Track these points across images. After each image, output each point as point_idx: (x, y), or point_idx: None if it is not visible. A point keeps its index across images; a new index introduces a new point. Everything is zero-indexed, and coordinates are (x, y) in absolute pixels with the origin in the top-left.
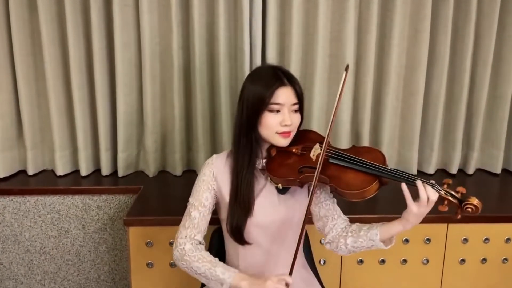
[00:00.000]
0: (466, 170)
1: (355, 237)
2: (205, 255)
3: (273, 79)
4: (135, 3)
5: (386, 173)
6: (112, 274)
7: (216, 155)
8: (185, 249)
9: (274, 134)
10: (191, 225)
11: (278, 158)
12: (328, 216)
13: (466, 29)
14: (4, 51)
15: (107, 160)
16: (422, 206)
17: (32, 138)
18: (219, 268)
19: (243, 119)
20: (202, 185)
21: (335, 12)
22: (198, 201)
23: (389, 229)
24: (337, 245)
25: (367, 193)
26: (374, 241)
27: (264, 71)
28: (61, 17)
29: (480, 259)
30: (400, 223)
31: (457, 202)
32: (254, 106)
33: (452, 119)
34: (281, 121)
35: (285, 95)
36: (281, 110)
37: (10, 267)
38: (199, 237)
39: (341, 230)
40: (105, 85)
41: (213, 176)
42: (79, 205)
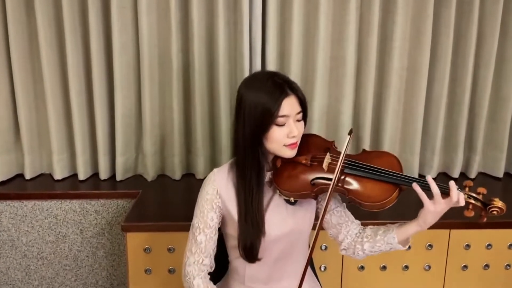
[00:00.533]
0: (468, 174)
1: (371, 242)
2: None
3: (276, 90)
4: (133, 6)
5: (405, 181)
6: (110, 279)
7: (217, 169)
8: (193, 282)
9: (282, 147)
10: (197, 250)
11: (285, 170)
12: (341, 223)
13: (469, 30)
14: (2, 54)
15: (105, 164)
16: (438, 203)
17: (30, 141)
18: None
19: (246, 133)
20: (206, 205)
21: (336, 14)
22: (204, 223)
23: (406, 231)
24: (353, 251)
25: (388, 203)
26: (392, 244)
27: (264, 79)
28: (59, 20)
29: (483, 265)
30: (417, 223)
31: (481, 205)
32: (259, 120)
33: (454, 122)
34: (288, 133)
35: (290, 106)
36: (287, 121)
37: (7, 273)
38: (208, 261)
39: (355, 236)
40: (103, 88)
41: (216, 193)
42: (77, 209)
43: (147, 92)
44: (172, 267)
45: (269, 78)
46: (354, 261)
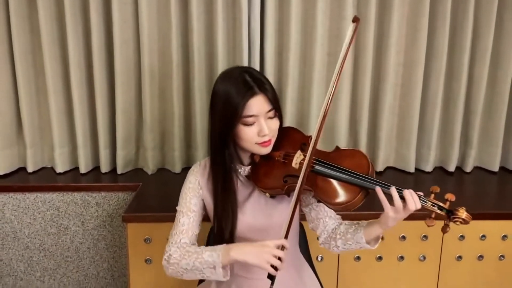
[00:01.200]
0: (464, 168)
1: (343, 239)
2: (190, 249)
3: (244, 89)
4: (134, 1)
5: (370, 184)
6: (111, 271)
7: (201, 161)
8: (171, 254)
9: (254, 145)
10: (178, 232)
11: (262, 166)
12: (319, 218)
13: (464, 26)
14: (4, 49)
15: (106, 158)
16: (398, 212)
17: (32, 135)
18: (206, 253)
19: (216, 132)
20: (188, 192)
21: (333, 10)
22: (186, 207)
23: (371, 232)
24: (329, 246)
25: (351, 206)
26: (361, 244)
27: (236, 76)
28: (61, 15)
29: (477, 256)
30: (380, 225)
31: (445, 213)
32: (226, 119)
33: (450, 117)
34: (258, 132)
35: (258, 105)
36: (257, 121)
37: (10, 264)
38: (186, 240)
39: (331, 231)
40: (104, 83)
41: (198, 184)
42: (78, 202)
43: (147, 86)
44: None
45: (240, 75)
46: (350, 252)
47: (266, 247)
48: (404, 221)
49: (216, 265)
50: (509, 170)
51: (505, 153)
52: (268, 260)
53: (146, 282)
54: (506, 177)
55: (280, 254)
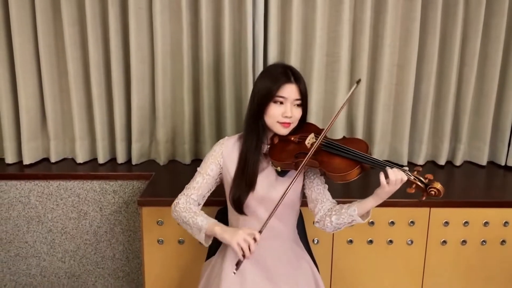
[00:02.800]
0: (454, 162)
1: (337, 215)
2: (192, 207)
3: (281, 75)
4: (148, 7)
5: (365, 160)
6: (126, 253)
7: (227, 137)
8: (179, 202)
9: (275, 123)
10: (191, 187)
11: (279, 145)
12: (318, 199)
13: (454, 31)
14: (31, 51)
15: (122, 150)
16: (391, 185)
17: (55, 129)
18: (200, 217)
19: (253, 108)
20: (210, 158)
21: (331, 14)
22: (204, 170)
23: (365, 205)
24: (324, 223)
25: (348, 176)
26: (353, 216)
27: (276, 68)
28: (82, 20)
29: (460, 241)
30: (373, 199)
31: (423, 186)
32: (263, 97)
33: (441, 115)
34: (283, 112)
35: (289, 91)
36: (284, 103)
37: (34, 246)
38: (195, 197)
39: (327, 210)
40: (121, 82)
41: (221, 154)
42: (97, 189)
43: (160, 85)
44: (182, 238)
45: (283, 68)
46: (344, 236)
47: (240, 232)
48: (393, 208)
49: (201, 230)
50: (496, 164)
51: (493, 149)
52: (239, 241)
53: (158, 260)
54: (493, 170)
55: (250, 241)
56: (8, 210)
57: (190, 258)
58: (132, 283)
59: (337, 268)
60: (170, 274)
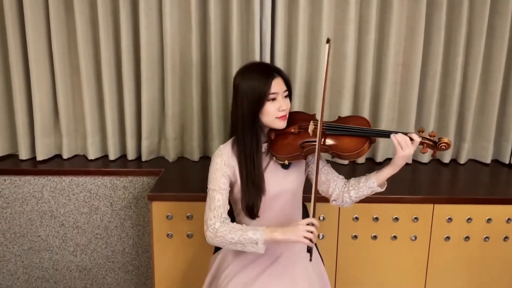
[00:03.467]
0: (458, 160)
1: (356, 189)
2: (233, 225)
3: (266, 74)
4: (158, 7)
5: (374, 133)
6: (136, 247)
7: (223, 145)
8: (216, 227)
9: (274, 119)
10: (216, 207)
11: (278, 140)
12: (329, 179)
13: (458, 30)
14: (44, 49)
15: (132, 147)
16: (405, 148)
17: (67, 126)
18: (250, 231)
19: (245, 112)
20: (217, 173)
21: (337, 14)
22: (218, 186)
23: (382, 174)
24: (342, 200)
25: (362, 152)
26: (373, 188)
27: (254, 68)
28: (94, 19)
29: (464, 237)
30: (391, 167)
31: (433, 143)
32: (255, 99)
33: (445, 113)
34: (278, 107)
35: (278, 85)
36: (277, 98)
37: (47, 240)
38: (226, 215)
39: (342, 187)
40: (131, 80)
41: (224, 164)
42: (108, 185)
43: (169, 83)
44: (190, 232)
45: (258, 67)
46: (348, 231)
47: (300, 225)
48: (397, 204)
49: (258, 241)
50: (501, 163)
51: (497, 147)
52: (304, 234)
53: (167, 253)
54: (497, 168)
55: (312, 229)
56: (22, 204)
57: (198, 251)
58: (141, 276)
59: (342, 263)
60: (178, 267)
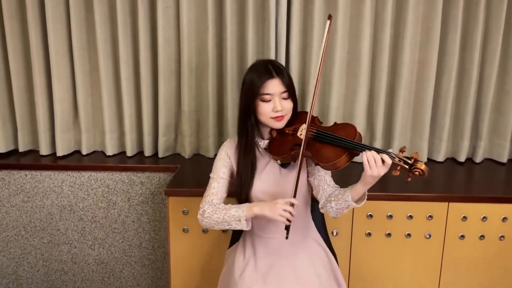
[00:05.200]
0: (474, 159)
1: (336, 200)
2: (219, 206)
3: (263, 73)
4: (175, 5)
5: (352, 146)
6: (152, 242)
7: (229, 139)
8: (205, 210)
9: (269, 119)
10: (209, 194)
11: (278, 139)
12: (320, 185)
13: (475, 28)
14: (64, 46)
15: (149, 143)
16: (372, 168)
17: (86, 122)
18: (233, 209)
19: (241, 106)
20: (219, 162)
21: (353, 12)
22: (217, 175)
23: (356, 190)
24: (326, 209)
25: (338, 164)
26: (348, 201)
27: (259, 65)
28: (113, 18)
29: (479, 236)
30: (361, 183)
31: (408, 167)
32: (248, 96)
33: (461, 111)
34: (273, 108)
35: (273, 86)
36: (272, 99)
37: (66, 233)
38: (216, 200)
39: (328, 196)
40: (149, 77)
41: (227, 155)
42: (125, 180)
43: (186, 80)
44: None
45: (263, 64)
46: (362, 228)
47: (278, 203)
48: (411, 202)
49: (241, 218)
50: None
51: None
52: (280, 213)
53: (183, 247)
54: None
55: (289, 208)
56: (42, 199)
57: (214, 246)
58: (157, 270)
59: (356, 260)
60: (194, 262)
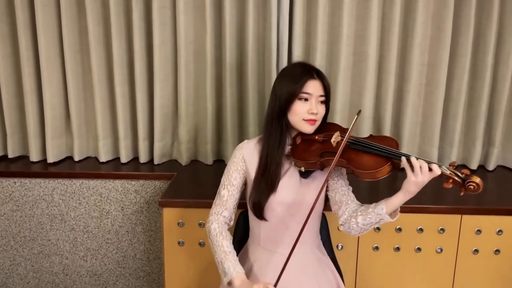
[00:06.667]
0: (486, 166)
1: (364, 215)
2: (224, 244)
3: (304, 72)
4: (172, 5)
5: (396, 155)
6: (147, 253)
7: (247, 140)
8: (211, 227)
9: (301, 121)
10: (219, 203)
11: (302, 145)
12: (342, 201)
13: (488, 28)
14: (55, 49)
15: (145, 149)
16: (417, 175)
17: (78, 127)
18: (229, 262)
19: (276, 107)
20: (232, 166)
21: (359, 11)
22: (228, 180)
23: (393, 201)
24: (349, 225)
25: (379, 173)
26: (381, 215)
27: (296, 67)
28: (106, 19)
29: (494, 250)
30: (402, 193)
31: (461, 180)
32: (287, 95)
33: (473, 116)
34: (308, 109)
35: (314, 87)
36: (309, 99)
37: (57, 244)
38: (226, 214)
39: (352, 212)
40: (144, 80)
41: (242, 158)
42: (119, 189)
43: (183, 84)
44: (202, 240)
45: (300, 66)
46: (369, 242)
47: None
48: (422, 214)
49: (226, 276)
50: None
51: None
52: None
53: (179, 262)
54: None
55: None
56: (32, 208)
57: (211, 260)
58: (152, 283)
59: (362, 276)
60: (190, 276)
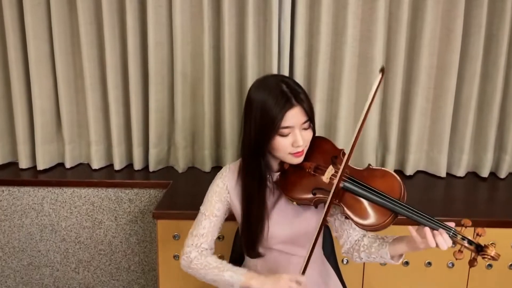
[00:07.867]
0: (498, 174)
1: (367, 252)
2: (210, 261)
3: (282, 100)
4: (168, 4)
5: (402, 210)
6: (142, 264)
7: (231, 165)
8: (191, 257)
9: (287, 155)
10: (198, 234)
11: (291, 174)
12: (343, 229)
13: (500, 29)
14: (45, 51)
15: (139, 156)
16: (427, 245)
17: (70, 133)
18: (228, 272)
19: (252, 140)
20: (214, 196)
21: (364, 12)
22: (210, 211)
23: (396, 249)
24: (352, 256)
25: (380, 228)
26: (385, 259)
27: (273, 86)
28: (99, 19)
29: (508, 265)
30: (407, 246)
31: (474, 248)
32: (263, 129)
33: (484, 121)
34: (293, 142)
35: (295, 117)
36: (292, 131)
37: (47, 255)
38: (206, 245)
39: (354, 242)
40: (139, 84)
41: (226, 188)
42: (112, 197)
43: (179, 87)
44: None
45: (277, 85)
46: None
47: (282, 279)
48: None
49: (234, 285)
50: None
51: None
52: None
53: (174, 277)
54: None
55: (295, 286)
56: (21, 217)
57: None
58: None
59: None
60: None
